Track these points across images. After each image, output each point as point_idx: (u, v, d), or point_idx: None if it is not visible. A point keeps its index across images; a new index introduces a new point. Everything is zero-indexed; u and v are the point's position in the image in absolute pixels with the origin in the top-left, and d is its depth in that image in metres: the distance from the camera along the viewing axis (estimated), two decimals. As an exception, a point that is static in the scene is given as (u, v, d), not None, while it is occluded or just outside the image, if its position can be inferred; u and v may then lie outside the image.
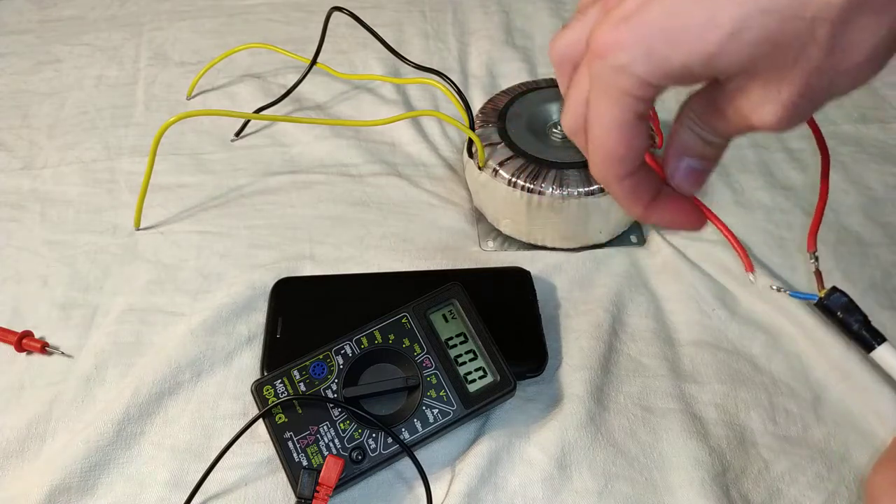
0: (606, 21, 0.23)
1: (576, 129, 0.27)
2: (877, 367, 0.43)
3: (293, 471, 0.38)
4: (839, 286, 0.33)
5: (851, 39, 0.21)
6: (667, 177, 0.28)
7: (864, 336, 0.27)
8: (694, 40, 0.22)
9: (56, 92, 0.67)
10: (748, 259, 0.29)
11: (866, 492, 0.26)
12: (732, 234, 0.29)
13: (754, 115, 0.23)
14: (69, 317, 0.48)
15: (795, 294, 0.29)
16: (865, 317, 0.27)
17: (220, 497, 0.39)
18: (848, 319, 0.27)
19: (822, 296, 0.28)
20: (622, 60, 0.23)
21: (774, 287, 0.29)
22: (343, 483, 0.38)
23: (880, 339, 0.27)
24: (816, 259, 0.29)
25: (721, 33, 0.21)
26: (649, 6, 0.22)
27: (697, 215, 0.30)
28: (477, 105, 0.62)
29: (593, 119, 0.25)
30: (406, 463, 0.40)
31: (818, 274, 0.29)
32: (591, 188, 0.47)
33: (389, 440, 0.39)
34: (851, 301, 0.27)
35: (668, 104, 0.53)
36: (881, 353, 0.27)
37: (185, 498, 0.38)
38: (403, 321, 0.42)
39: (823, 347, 0.44)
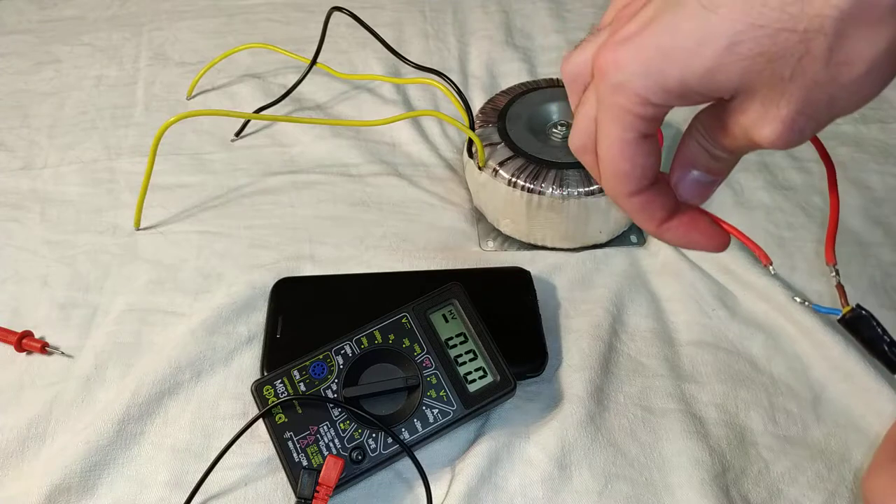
0: (608, 43, 0.24)
1: (582, 148, 0.28)
2: (877, 367, 0.43)
3: (293, 471, 0.38)
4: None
5: (849, 52, 0.21)
6: (672, 185, 0.28)
7: (889, 358, 0.26)
8: (690, 57, 0.22)
9: (56, 92, 0.67)
10: (763, 252, 0.28)
11: (866, 496, 0.25)
12: (741, 233, 0.29)
13: (755, 132, 0.23)
14: (69, 317, 0.48)
15: (818, 308, 0.28)
16: (891, 337, 0.26)
17: (220, 497, 0.39)
18: (873, 339, 0.26)
19: (845, 313, 0.27)
20: (620, 79, 0.24)
21: (798, 300, 0.28)
22: (343, 483, 0.38)
23: None
24: (837, 272, 0.28)
25: (716, 48, 0.22)
26: (648, 28, 0.23)
27: (717, 236, 0.29)
28: (477, 105, 0.62)
29: (600, 137, 0.26)
30: (406, 463, 0.40)
31: (840, 288, 0.27)
32: (591, 188, 0.47)
33: (389, 440, 0.39)
34: (875, 320, 0.26)
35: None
36: None
37: (185, 498, 0.38)
38: (403, 321, 0.42)
39: (823, 347, 0.44)
